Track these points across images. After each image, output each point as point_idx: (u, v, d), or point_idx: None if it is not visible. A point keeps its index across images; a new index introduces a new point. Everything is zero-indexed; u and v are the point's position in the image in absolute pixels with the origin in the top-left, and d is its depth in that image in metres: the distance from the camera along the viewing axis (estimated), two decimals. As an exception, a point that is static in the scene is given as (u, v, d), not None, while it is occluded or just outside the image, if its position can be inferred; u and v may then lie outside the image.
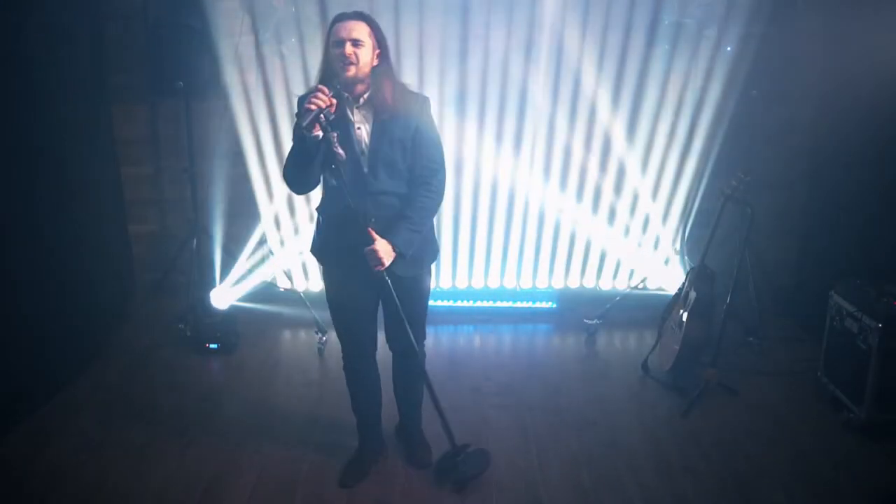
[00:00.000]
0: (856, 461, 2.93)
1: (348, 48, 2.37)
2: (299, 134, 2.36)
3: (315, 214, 2.70)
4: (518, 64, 3.97)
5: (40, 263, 3.34)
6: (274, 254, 4.28)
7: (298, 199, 4.23)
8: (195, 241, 4.04)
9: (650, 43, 3.95)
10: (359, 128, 2.47)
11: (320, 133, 2.34)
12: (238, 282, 4.20)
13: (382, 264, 2.46)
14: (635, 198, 4.29)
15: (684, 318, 3.43)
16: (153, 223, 4.49)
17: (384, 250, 2.46)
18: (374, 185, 2.48)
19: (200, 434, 3.09)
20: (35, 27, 3.29)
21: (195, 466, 2.87)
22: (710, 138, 4.14)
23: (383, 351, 2.81)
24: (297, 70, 3.96)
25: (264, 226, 4.28)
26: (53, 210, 3.46)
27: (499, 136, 4.13)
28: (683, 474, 2.86)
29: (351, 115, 2.46)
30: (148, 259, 4.49)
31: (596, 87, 4.04)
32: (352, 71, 2.38)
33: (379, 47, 2.44)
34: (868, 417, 3.05)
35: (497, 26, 3.90)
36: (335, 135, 2.37)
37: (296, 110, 2.49)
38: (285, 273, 4.26)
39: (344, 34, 2.37)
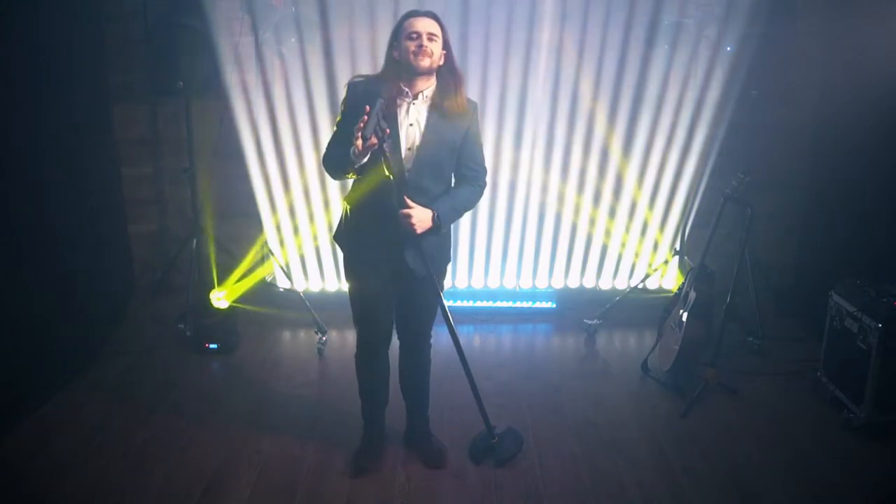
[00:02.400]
0: (856, 461, 2.94)
1: (424, 40, 2.44)
2: (352, 150, 2.35)
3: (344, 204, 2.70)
4: (518, 64, 3.97)
5: (40, 263, 3.34)
6: (274, 254, 4.28)
7: (298, 200, 4.24)
8: (195, 241, 4.04)
9: (650, 43, 3.95)
10: (411, 124, 2.50)
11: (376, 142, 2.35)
12: (238, 282, 4.20)
13: (416, 230, 2.49)
14: (635, 198, 4.29)
15: (684, 318, 3.43)
16: (153, 223, 4.49)
17: (420, 216, 2.49)
18: (416, 184, 2.51)
19: (200, 434, 3.09)
20: (35, 27, 3.30)
21: (195, 466, 2.87)
22: (710, 138, 4.14)
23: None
24: (297, 70, 3.96)
25: (264, 225, 4.28)
26: (53, 210, 3.46)
27: (498, 136, 4.13)
28: (683, 474, 2.86)
29: (406, 113, 2.49)
30: (148, 259, 4.49)
31: (596, 87, 4.03)
32: (426, 62, 2.45)
33: (445, 47, 2.51)
34: (868, 417, 3.05)
35: (496, 26, 3.90)
36: (388, 130, 2.38)
37: (344, 96, 2.54)
38: (285, 273, 4.26)
39: (420, 27, 2.45)
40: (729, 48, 3.94)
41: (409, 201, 2.48)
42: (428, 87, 2.52)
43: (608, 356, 3.93)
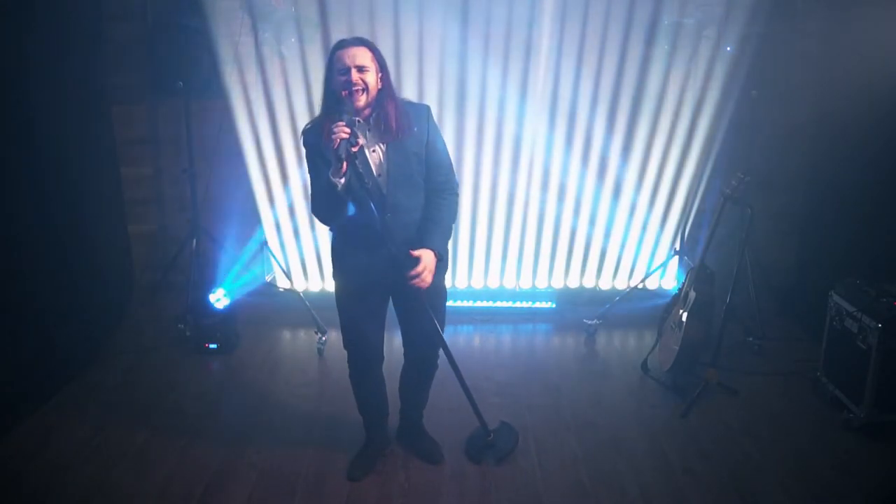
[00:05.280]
0: (856, 461, 2.93)
1: (354, 75, 2.38)
2: (337, 167, 2.33)
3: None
4: (518, 64, 3.97)
5: (40, 263, 3.35)
6: (273, 254, 4.28)
7: (298, 200, 4.24)
8: (195, 241, 4.04)
9: (650, 43, 3.95)
10: (374, 150, 2.48)
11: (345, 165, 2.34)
12: (238, 282, 4.20)
13: (431, 274, 2.49)
14: (635, 197, 4.29)
15: (684, 318, 3.43)
16: (153, 223, 4.50)
17: (428, 265, 2.49)
18: (394, 204, 2.49)
19: (200, 434, 3.09)
20: (35, 28, 3.30)
21: (195, 466, 2.87)
22: (710, 138, 4.13)
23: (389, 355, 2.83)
24: (297, 70, 3.96)
25: (264, 226, 4.29)
26: (53, 210, 3.46)
27: (498, 136, 4.13)
28: (683, 474, 2.86)
29: (365, 140, 2.46)
30: (148, 259, 4.49)
31: (596, 87, 4.04)
32: (362, 98, 2.40)
33: (381, 70, 2.45)
34: (868, 417, 3.05)
35: (496, 26, 3.90)
36: (361, 141, 2.39)
37: (303, 149, 2.51)
38: (285, 273, 4.26)
39: (348, 61, 2.38)
40: (729, 48, 3.94)
41: (414, 254, 2.46)
42: (371, 114, 2.47)
43: (608, 356, 3.93)
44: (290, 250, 4.36)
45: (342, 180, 2.34)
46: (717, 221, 3.46)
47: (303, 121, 4.05)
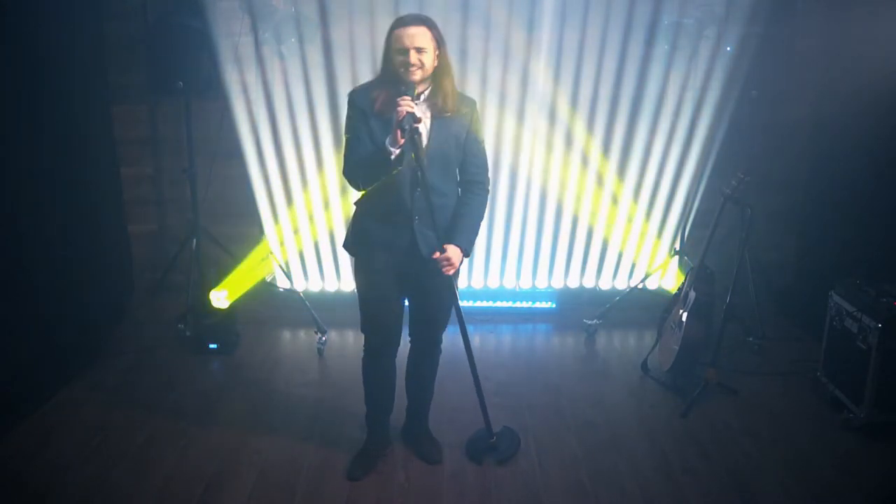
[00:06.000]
0: (855, 461, 2.94)
1: (413, 57, 2.41)
2: (395, 137, 2.36)
3: (353, 208, 2.70)
4: (517, 64, 3.97)
5: (40, 263, 3.34)
6: (273, 254, 4.28)
7: (298, 200, 4.24)
8: (195, 241, 4.04)
9: (650, 43, 3.95)
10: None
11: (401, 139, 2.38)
12: (238, 282, 4.20)
13: (454, 268, 2.56)
14: (635, 198, 4.29)
15: (684, 318, 3.43)
16: (153, 223, 4.50)
17: (456, 255, 2.55)
18: (428, 180, 2.50)
19: (200, 434, 3.09)
20: (35, 27, 3.30)
21: (195, 466, 2.87)
22: (710, 138, 4.14)
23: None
24: (297, 70, 3.96)
25: (264, 225, 4.28)
26: (53, 210, 3.46)
27: (498, 136, 4.13)
28: (683, 474, 2.86)
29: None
30: (148, 259, 4.49)
31: (596, 87, 4.04)
32: (418, 75, 2.44)
33: (439, 48, 2.48)
34: (867, 417, 3.05)
35: (496, 26, 3.90)
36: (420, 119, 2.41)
37: (348, 110, 2.54)
38: (285, 273, 4.26)
39: (407, 42, 2.41)
40: (729, 48, 3.94)
41: (436, 255, 2.52)
42: (426, 87, 2.53)
43: (608, 356, 3.93)
44: (290, 250, 4.36)
45: (398, 151, 2.37)
46: (717, 221, 3.46)
47: (303, 121, 4.07)
